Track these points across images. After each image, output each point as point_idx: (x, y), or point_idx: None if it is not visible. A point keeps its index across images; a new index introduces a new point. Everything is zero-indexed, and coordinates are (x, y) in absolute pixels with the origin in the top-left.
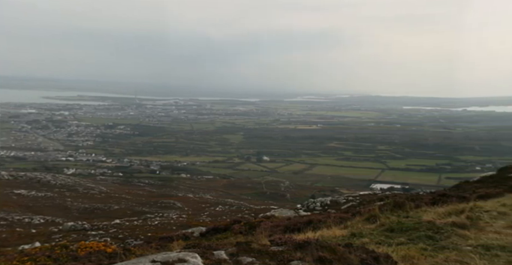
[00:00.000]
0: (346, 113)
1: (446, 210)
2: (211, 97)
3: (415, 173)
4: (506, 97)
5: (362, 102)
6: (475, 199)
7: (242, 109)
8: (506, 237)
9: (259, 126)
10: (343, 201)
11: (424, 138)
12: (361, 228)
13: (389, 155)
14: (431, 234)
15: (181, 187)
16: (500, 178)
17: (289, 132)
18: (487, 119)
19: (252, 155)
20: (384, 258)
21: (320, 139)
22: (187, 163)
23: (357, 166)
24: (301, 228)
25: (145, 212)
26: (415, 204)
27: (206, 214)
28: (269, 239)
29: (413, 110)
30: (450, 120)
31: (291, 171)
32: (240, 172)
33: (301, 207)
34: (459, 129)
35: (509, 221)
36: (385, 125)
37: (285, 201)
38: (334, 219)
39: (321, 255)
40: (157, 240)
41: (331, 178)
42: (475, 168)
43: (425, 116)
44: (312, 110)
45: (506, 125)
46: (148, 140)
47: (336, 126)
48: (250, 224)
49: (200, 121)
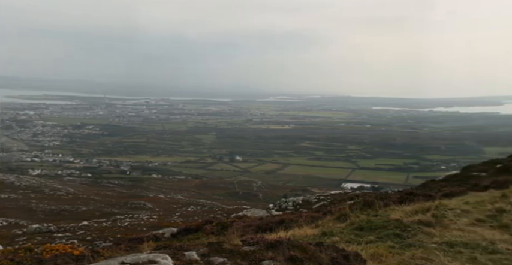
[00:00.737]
0: (317, 113)
1: (413, 208)
2: (184, 97)
3: (384, 172)
4: (470, 98)
5: (333, 103)
6: (441, 198)
7: (215, 109)
8: (468, 234)
9: (231, 126)
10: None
11: (392, 138)
12: (331, 227)
13: (360, 155)
14: (399, 232)
15: (153, 187)
16: (464, 177)
17: (261, 132)
18: (451, 119)
19: (224, 155)
20: (354, 256)
21: (292, 139)
22: (158, 164)
23: (328, 166)
24: (273, 228)
25: (114, 213)
26: (384, 203)
27: (178, 215)
28: (241, 239)
29: (383, 110)
30: (417, 121)
31: (263, 171)
32: (212, 173)
33: (274, 207)
34: (426, 129)
35: (472, 219)
36: (356, 125)
37: (258, 201)
38: (305, 218)
39: (292, 255)
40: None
41: (303, 178)
42: (441, 167)
43: (394, 116)
44: (284, 110)
45: (469, 125)
46: (118, 140)
47: (307, 126)
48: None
49: (172, 121)
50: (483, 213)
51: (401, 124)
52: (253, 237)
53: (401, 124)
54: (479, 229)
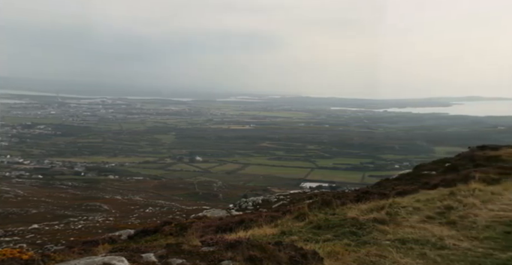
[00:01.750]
0: (278, 113)
1: (369, 206)
2: (142, 96)
3: (341, 172)
4: (421, 99)
5: (293, 103)
6: (394, 196)
7: (174, 109)
8: (419, 231)
9: (191, 126)
10: (275, 200)
11: (350, 138)
12: (290, 226)
13: (318, 154)
14: (355, 230)
15: (109, 189)
16: (416, 176)
17: (222, 132)
18: (404, 119)
19: (184, 155)
20: (311, 254)
21: (253, 139)
22: (115, 164)
23: (288, 165)
24: (233, 228)
25: (67, 216)
26: (341, 202)
27: (135, 216)
28: (200, 240)
29: (341, 110)
30: (373, 121)
31: (224, 171)
32: (172, 173)
33: (234, 207)
34: (381, 129)
35: (423, 216)
36: (315, 125)
37: (218, 201)
38: (265, 218)
39: (252, 254)
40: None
41: (263, 177)
42: (394, 166)
43: (351, 116)
44: (245, 110)
45: (420, 125)
46: (72, 140)
47: (268, 126)
48: (182, 225)
49: (130, 121)
50: (433, 210)
51: (358, 124)
52: (212, 237)
53: (358, 124)
54: (429, 225)
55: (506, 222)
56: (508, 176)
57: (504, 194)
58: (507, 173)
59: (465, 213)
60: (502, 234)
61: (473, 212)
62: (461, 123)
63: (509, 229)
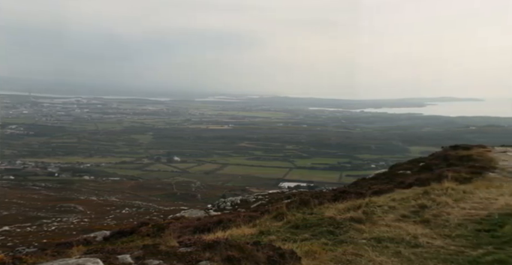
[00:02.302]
0: (256, 113)
1: (346, 206)
2: (118, 96)
3: (319, 171)
4: (397, 99)
5: (271, 103)
6: (370, 195)
7: (152, 108)
8: (394, 230)
9: (169, 126)
10: (253, 200)
11: (327, 138)
12: (269, 225)
13: (297, 154)
14: (332, 229)
15: (84, 189)
16: (391, 175)
17: (200, 132)
18: (380, 119)
19: (162, 156)
20: (289, 254)
21: (231, 139)
22: (91, 165)
23: (267, 165)
24: (211, 228)
25: (40, 217)
26: (319, 201)
27: (111, 217)
28: (178, 240)
29: (319, 110)
30: (350, 121)
31: (202, 171)
32: (149, 173)
33: (212, 207)
34: (358, 129)
35: (398, 215)
36: (293, 125)
37: (196, 202)
38: (243, 218)
39: (230, 254)
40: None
41: (242, 177)
42: (371, 165)
43: (329, 116)
44: (223, 110)
45: (396, 125)
46: (45, 141)
47: (247, 126)
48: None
49: (106, 120)
50: (407, 209)
51: (335, 124)
52: (190, 238)
53: (336, 124)
54: (404, 224)
55: (477, 220)
56: (478, 175)
57: (475, 193)
58: (478, 172)
59: (438, 212)
60: (473, 232)
61: (446, 211)
62: (435, 123)
63: (479, 227)
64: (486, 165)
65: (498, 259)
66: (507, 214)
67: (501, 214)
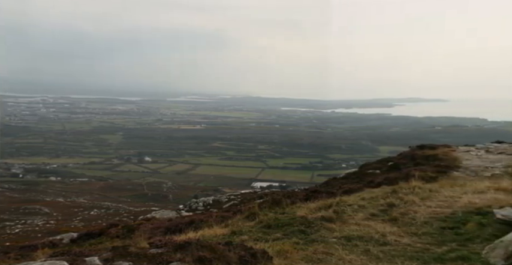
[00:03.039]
0: (229, 113)
1: (317, 205)
2: (87, 95)
3: (291, 171)
4: (366, 100)
5: (244, 103)
6: (341, 195)
7: (122, 108)
8: (364, 228)
9: (140, 126)
10: (225, 200)
11: (299, 137)
12: (241, 225)
13: (269, 154)
14: (304, 229)
15: (50, 191)
16: (361, 175)
17: (172, 132)
18: (350, 119)
19: (132, 156)
20: (261, 254)
21: (204, 139)
22: (57, 166)
23: (239, 165)
24: (182, 229)
25: (3, 220)
26: (291, 201)
27: (79, 219)
28: (148, 242)
29: (291, 111)
30: (322, 121)
31: (174, 171)
32: (119, 174)
33: (184, 208)
34: (329, 130)
35: (367, 213)
36: (266, 125)
37: (167, 202)
38: (215, 218)
39: (201, 255)
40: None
41: (214, 177)
42: (342, 165)
43: (301, 116)
44: (195, 109)
45: (365, 125)
46: (9, 141)
47: (219, 126)
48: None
49: (74, 120)
50: (376, 207)
51: (307, 124)
52: (161, 239)
53: (308, 124)
54: (373, 223)
55: (442, 218)
56: (444, 174)
57: (440, 191)
58: (443, 171)
59: (406, 210)
60: (438, 229)
61: (413, 209)
62: (403, 123)
63: (444, 224)
64: (451, 164)
65: (461, 255)
66: (470, 212)
67: (464, 212)
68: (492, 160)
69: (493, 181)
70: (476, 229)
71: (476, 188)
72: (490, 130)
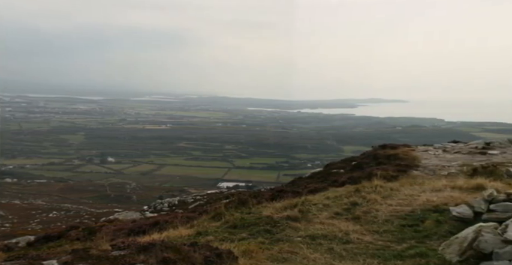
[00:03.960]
0: (195, 113)
1: (283, 204)
2: (46, 94)
3: (257, 171)
4: (331, 100)
5: (210, 103)
6: (306, 194)
7: (83, 107)
8: (328, 227)
9: (103, 126)
10: (191, 201)
11: (266, 137)
12: (207, 226)
13: (236, 154)
14: (269, 228)
15: (6, 193)
16: (326, 174)
17: (136, 132)
18: (316, 120)
19: (94, 156)
20: (226, 254)
21: (169, 140)
22: (14, 167)
23: (205, 165)
24: (146, 230)
25: None
26: (257, 201)
27: (36, 221)
28: (111, 244)
29: (257, 111)
30: (287, 121)
31: (138, 172)
32: (80, 175)
33: (148, 209)
34: (295, 130)
35: (331, 212)
36: (232, 125)
37: (131, 203)
38: (181, 219)
39: (165, 256)
40: None
41: (180, 178)
42: (307, 165)
43: (267, 117)
44: (161, 109)
45: (330, 125)
46: None
47: (185, 126)
48: (90, 229)
49: (31, 120)
50: (340, 206)
51: (273, 124)
52: (124, 240)
53: (274, 124)
54: (336, 221)
55: (402, 215)
56: (404, 173)
57: (401, 190)
58: (403, 170)
59: (368, 209)
60: (398, 227)
61: (375, 207)
62: (366, 123)
63: (404, 222)
64: (410, 163)
65: (419, 252)
66: (428, 210)
67: (423, 210)
68: (449, 159)
69: (449, 180)
70: (433, 226)
71: (434, 186)
72: (447, 130)
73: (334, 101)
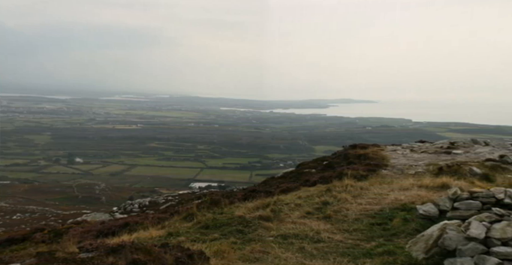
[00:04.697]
0: (167, 113)
1: (255, 204)
2: (9, 93)
3: (230, 171)
4: (303, 100)
5: (182, 103)
6: (278, 194)
7: (50, 107)
8: (299, 226)
9: (71, 126)
10: (163, 201)
11: (238, 137)
12: (178, 227)
13: (208, 154)
14: (241, 228)
15: None
16: (298, 174)
17: (106, 132)
18: (288, 120)
19: (62, 157)
20: (198, 254)
21: (140, 140)
22: None
23: (177, 166)
24: (116, 232)
25: None
26: (230, 201)
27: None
28: (78, 246)
29: (230, 111)
30: (260, 121)
31: (108, 172)
32: (46, 176)
33: (118, 210)
34: (267, 130)
35: (303, 212)
36: (205, 125)
37: (100, 205)
38: (152, 219)
39: (135, 258)
40: None
41: (151, 178)
42: (280, 165)
43: (240, 117)
44: (131, 109)
45: (302, 126)
46: None
47: (157, 126)
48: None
49: None
50: (312, 206)
51: (246, 124)
52: (92, 242)
53: (247, 124)
54: (308, 221)
55: (371, 214)
56: (373, 172)
57: (370, 189)
58: (373, 170)
59: (339, 208)
60: (367, 225)
61: (346, 206)
62: (337, 123)
63: (373, 221)
64: (380, 162)
65: (387, 250)
66: (396, 208)
67: (391, 208)
68: (416, 158)
69: (416, 179)
70: (401, 224)
71: (402, 185)
72: (414, 130)
73: (305, 101)
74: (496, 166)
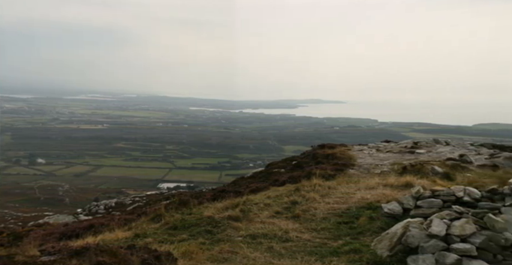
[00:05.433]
0: (134, 113)
1: (225, 204)
2: None
3: (199, 171)
4: (272, 101)
5: (150, 102)
6: (248, 194)
7: (9, 106)
8: (268, 226)
9: (32, 126)
10: (129, 202)
11: (208, 138)
12: (145, 228)
13: (177, 155)
14: (210, 228)
15: None
16: (267, 174)
17: (70, 132)
18: (258, 120)
19: (22, 158)
20: (165, 256)
21: (107, 140)
22: None
23: (145, 166)
24: (80, 234)
25: None
26: (198, 201)
27: None
28: (39, 249)
29: (199, 110)
30: (230, 121)
31: (71, 173)
32: (5, 178)
33: (83, 212)
34: (237, 130)
35: (272, 211)
36: (174, 125)
37: (64, 207)
38: (118, 221)
39: (100, 260)
40: None
41: (118, 179)
42: (249, 165)
43: (209, 116)
44: (97, 108)
45: (272, 126)
46: None
47: (124, 126)
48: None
49: None
50: (281, 205)
51: (216, 124)
52: (54, 245)
53: (216, 124)
54: (277, 220)
55: (338, 213)
56: (341, 172)
57: (338, 188)
58: (340, 169)
59: (307, 207)
60: (335, 224)
61: (314, 206)
62: (306, 123)
63: (340, 220)
64: (347, 162)
65: (353, 248)
66: (362, 207)
67: (358, 207)
68: (381, 158)
69: (382, 178)
70: (367, 223)
71: (368, 184)
72: (380, 130)
73: (275, 101)
74: (456, 165)
